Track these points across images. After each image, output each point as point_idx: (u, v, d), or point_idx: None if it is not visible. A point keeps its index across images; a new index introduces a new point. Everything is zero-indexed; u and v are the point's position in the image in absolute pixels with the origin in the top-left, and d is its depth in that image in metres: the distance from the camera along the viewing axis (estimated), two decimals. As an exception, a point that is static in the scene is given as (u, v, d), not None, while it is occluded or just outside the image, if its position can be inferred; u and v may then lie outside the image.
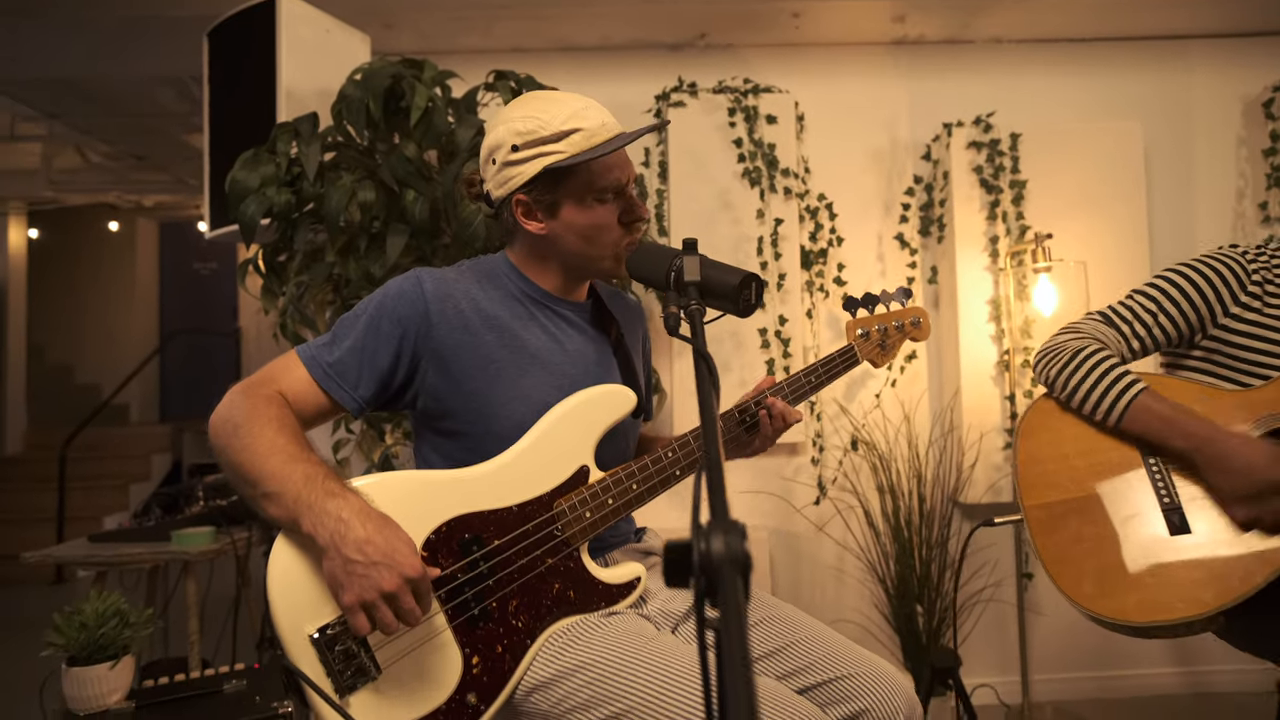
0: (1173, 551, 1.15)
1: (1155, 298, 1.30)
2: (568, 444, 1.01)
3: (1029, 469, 1.28)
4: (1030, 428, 1.31)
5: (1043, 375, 1.31)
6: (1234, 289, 1.26)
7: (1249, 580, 1.10)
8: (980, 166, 2.48)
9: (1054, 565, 1.21)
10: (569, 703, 0.90)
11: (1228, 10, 2.56)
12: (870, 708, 0.94)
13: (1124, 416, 1.22)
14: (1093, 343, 1.28)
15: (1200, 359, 1.31)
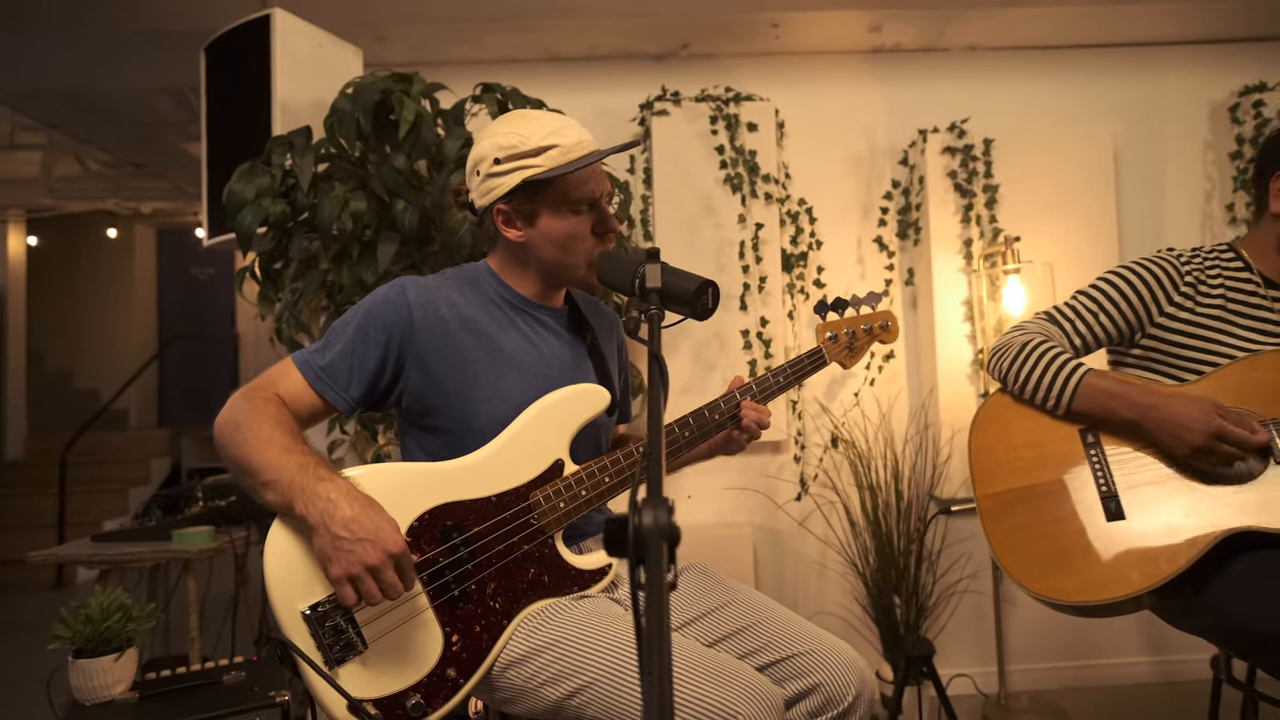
0: (1108, 536, 1.23)
1: (1096, 298, 1.39)
2: (544, 439, 1.09)
3: (982, 460, 1.36)
4: (983, 422, 1.39)
5: (995, 371, 1.39)
6: (1168, 289, 1.34)
7: (1174, 562, 1.18)
8: (955, 171, 2.56)
9: (1002, 550, 1.29)
10: (539, 678, 0.98)
11: (1195, 18, 2.64)
12: (824, 682, 1.01)
13: (1074, 398, 1.29)
14: (1038, 336, 1.36)
15: (1140, 356, 1.39)
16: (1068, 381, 1.30)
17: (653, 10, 2.45)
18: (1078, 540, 1.25)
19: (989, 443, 1.37)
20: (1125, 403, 1.26)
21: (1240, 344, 1.30)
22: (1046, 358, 1.32)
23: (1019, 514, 1.31)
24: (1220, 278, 1.35)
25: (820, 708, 1.01)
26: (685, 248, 2.52)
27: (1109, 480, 1.27)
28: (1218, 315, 1.32)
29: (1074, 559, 1.24)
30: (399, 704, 0.93)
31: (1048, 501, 1.30)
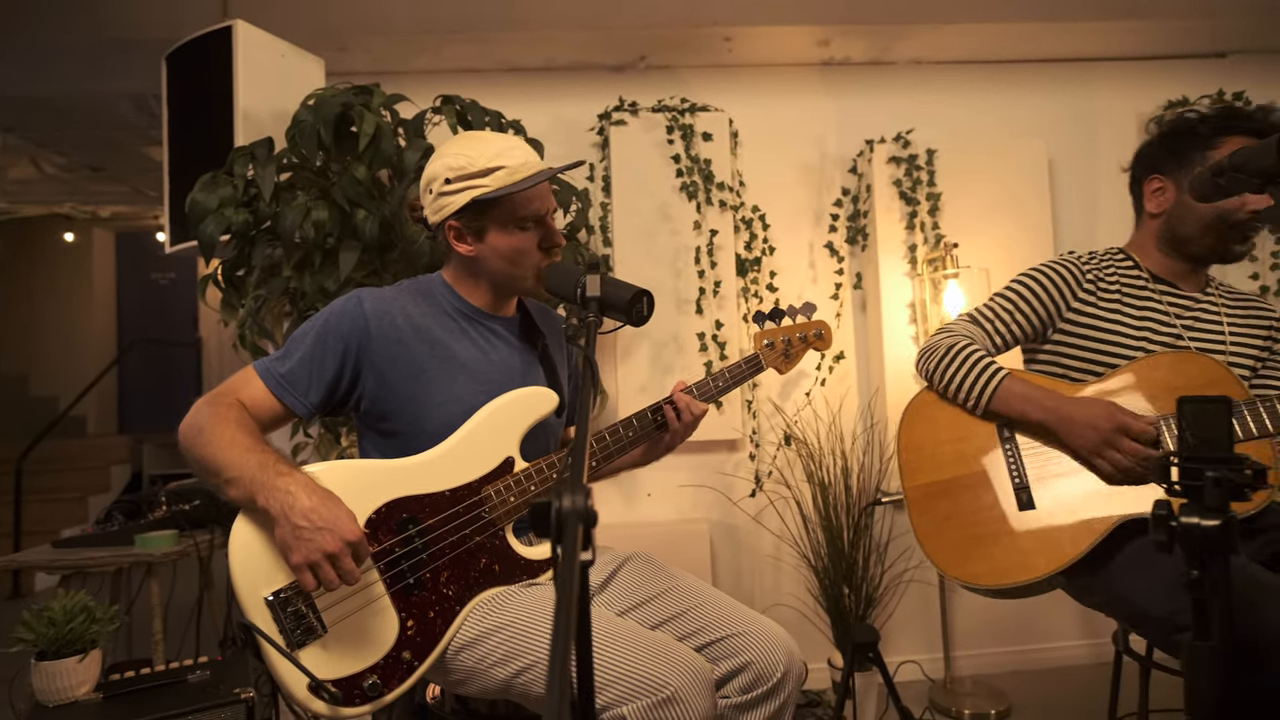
0: (1019, 524, 1.35)
1: (1012, 299, 1.51)
2: (496, 437, 1.16)
3: (909, 455, 1.46)
4: (911, 418, 1.50)
5: (923, 371, 1.50)
6: (1073, 287, 1.47)
7: (1076, 546, 1.29)
8: (900, 180, 2.68)
9: (925, 538, 1.40)
10: (490, 659, 1.05)
11: (1124, 36, 2.80)
12: (755, 660, 1.10)
13: (991, 400, 1.41)
14: (964, 339, 1.47)
15: (1051, 351, 1.51)
16: (986, 385, 1.41)
17: (609, 23, 2.53)
18: (993, 528, 1.36)
19: (916, 438, 1.47)
20: (1036, 406, 1.37)
21: (1136, 334, 1.42)
22: (969, 361, 1.43)
23: (941, 505, 1.42)
24: (1116, 276, 1.48)
25: (752, 683, 1.10)
26: (643, 253, 2.60)
27: (1022, 473, 1.38)
28: (1115, 309, 1.45)
29: (989, 546, 1.35)
30: (357, 684, 1.00)
31: (967, 494, 1.41)
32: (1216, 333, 1.43)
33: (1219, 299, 1.47)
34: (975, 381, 1.42)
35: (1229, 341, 1.42)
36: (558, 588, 0.54)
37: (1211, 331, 1.43)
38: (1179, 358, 1.36)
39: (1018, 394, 1.39)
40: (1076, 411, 1.33)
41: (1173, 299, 1.45)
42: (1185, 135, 1.44)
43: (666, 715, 0.93)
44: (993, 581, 1.33)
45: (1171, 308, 1.44)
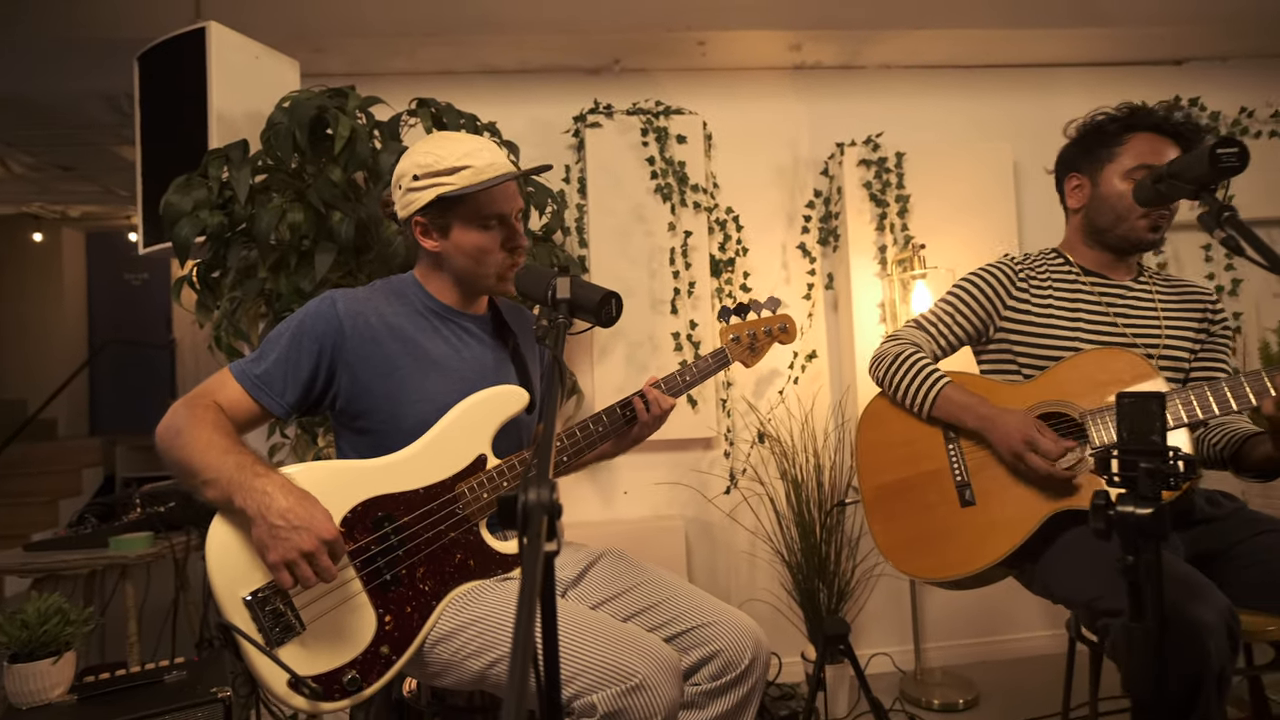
0: (961, 520, 1.43)
1: (952, 303, 1.59)
2: (468, 435, 1.19)
3: (865, 456, 1.54)
4: (867, 422, 1.58)
5: (874, 377, 1.58)
6: (1007, 288, 1.55)
7: (1011, 540, 1.38)
8: (870, 182, 2.73)
9: (879, 536, 1.49)
10: (465, 651, 1.08)
11: (1086, 43, 2.88)
12: (724, 648, 1.14)
13: (933, 406, 1.48)
14: (910, 347, 1.55)
15: (995, 350, 1.59)
16: (929, 393, 1.49)
17: (584, 27, 2.56)
18: (940, 525, 1.44)
19: (871, 440, 1.55)
20: (970, 414, 1.45)
21: (1070, 327, 1.49)
22: (914, 369, 1.51)
23: (894, 504, 1.50)
24: (1047, 274, 1.55)
25: (721, 670, 1.14)
26: (618, 254, 2.64)
27: (964, 472, 1.46)
28: (1048, 306, 1.52)
29: (935, 542, 1.43)
30: (336, 679, 1.02)
31: (916, 493, 1.48)
32: (1151, 319, 1.50)
33: (1152, 287, 1.54)
34: (919, 389, 1.50)
35: (1164, 326, 1.49)
36: (523, 576, 0.58)
37: (1146, 318, 1.50)
38: (1107, 353, 1.42)
39: (956, 402, 1.47)
40: (999, 423, 1.41)
41: (1104, 289, 1.52)
42: (1094, 134, 1.55)
43: (635, 702, 0.97)
44: (942, 575, 1.41)
45: (1103, 298, 1.51)
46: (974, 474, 1.45)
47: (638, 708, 0.97)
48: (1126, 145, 1.50)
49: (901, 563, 1.46)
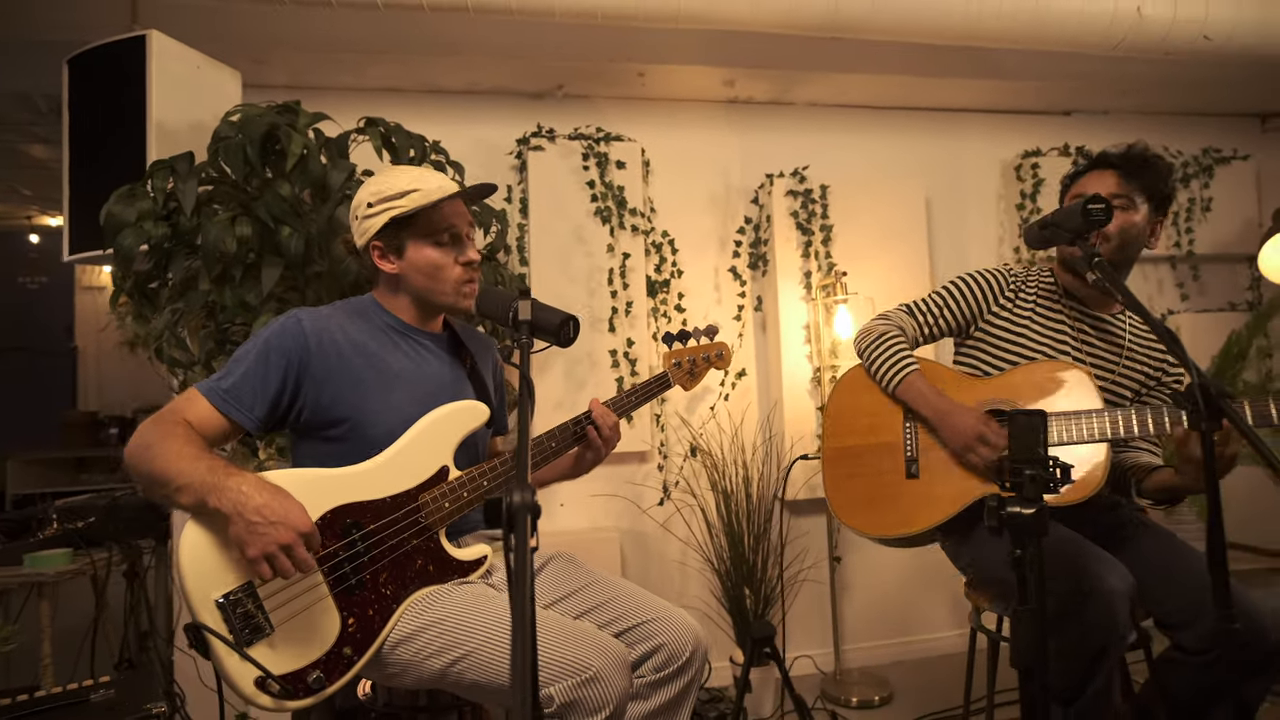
0: (904, 489, 1.61)
1: (944, 296, 1.74)
2: (432, 448, 1.26)
3: (831, 420, 1.72)
4: (841, 387, 1.75)
5: (857, 347, 1.74)
6: (995, 294, 1.71)
7: (944, 512, 1.57)
8: (797, 212, 2.92)
9: (830, 490, 1.68)
10: (426, 651, 1.14)
11: (989, 92, 3.16)
12: (667, 642, 1.24)
13: (897, 387, 1.65)
14: (894, 330, 1.70)
15: (973, 345, 1.75)
16: (896, 375, 1.65)
17: (530, 53, 2.65)
18: (886, 490, 1.63)
19: (840, 406, 1.73)
20: (926, 404, 1.62)
21: (1038, 342, 1.65)
22: (892, 350, 1.66)
23: (849, 465, 1.68)
24: (1035, 290, 1.71)
25: (665, 663, 1.23)
26: (558, 274, 2.72)
27: (914, 449, 1.65)
28: (1028, 318, 1.68)
29: (880, 504, 1.62)
30: (301, 679, 1.06)
31: (870, 458, 1.67)
32: (1113, 353, 1.65)
33: (1127, 326, 1.68)
34: (889, 370, 1.66)
35: (1122, 364, 1.65)
36: (514, 567, 0.66)
37: (1109, 350, 1.65)
38: (1061, 366, 1.59)
39: (916, 389, 1.63)
40: (952, 419, 1.57)
41: (1078, 315, 1.67)
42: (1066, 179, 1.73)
43: (588, 693, 1.05)
44: (878, 532, 1.62)
45: (1075, 323, 1.66)
46: (922, 452, 1.63)
47: (591, 698, 1.05)
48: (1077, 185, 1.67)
49: (847, 517, 1.65)
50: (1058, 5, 2.46)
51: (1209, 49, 2.61)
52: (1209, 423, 1.02)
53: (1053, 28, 2.50)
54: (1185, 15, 2.53)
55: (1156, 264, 3.39)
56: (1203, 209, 3.37)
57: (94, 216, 2.09)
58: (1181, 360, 1.08)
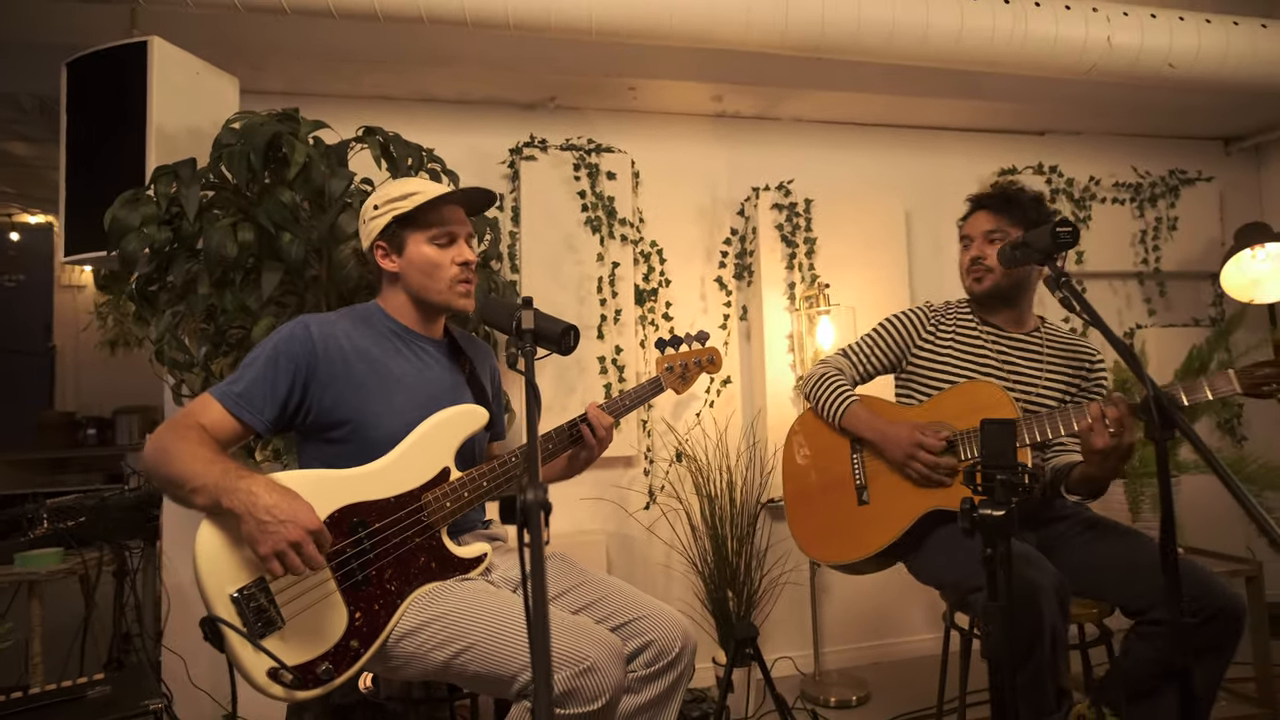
0: (856, 516, 1.72)
1: (874, 338, 1.88)
2: (434, 450, 1.31)
3: (788, 462, 1.83)
4: (794, 431, 1.87)
5: (803, 391, 1.87)
6: (918, 330, 1.84)
7: (892, 532, 1.67)
8: (781, 224, 3.00)
9: (794, 526, 1.79)
10: (429, 644, 1.19)
11: (969, 112, 3.27)
12: (658, 638, 1.30)
13: (841, 418, 1.77)
14: (835, 371, 1.83)
15: (907, 377, 1.87)
16: (840, 408, 1.78)
17: (524, 66, 2.71)
18: (841, 519, 1.74)
19: (796, 447, 1.83)
20: (867, 427, 1.75)
21: (961, 368, 1.79)
22: (834, 389, 1.80)
23: (807, 500, 1.80)
24: (954, 322, 1.85)
25: (656, 657, 1.29)
26: (549, 281, 2.78)
27: (863, 477, 1.75)
28: (949, 348, 1.82)
29: (837, 533, 1.73)
30: (311, 670, 1.11)
31: (826, 493, 1.78)
32: (1033, 368, 1.79)
33: (1044, 340, 1.82)
34: (833, 405, 1.79)
35: (1044, 376, 1.78)
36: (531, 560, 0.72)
37: (1029, 366, 1.79)
38: (977, 385, 1.73)
39: (857, 418, 1.76)
40: (889, 434, 1.70)
41: (996, 338, 1.82)
42: None
43: (586, 683, 1.11)
44: (838, 559, 1.72)
45: (993, 346, 1.80)
46: (871, 479, 1.74)
47: (588, 688, 1.11)
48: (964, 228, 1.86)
49: (810, 549, 1.78)
50: (1035, 32, 2.57)
51: (1173, 76, 2.74)
52: (1163, 432, 1.10)
53: (1029, 53, 2.60)
54: (1151, 44, 2.66)
55: (1125, 280, 3.52)
56: (1169, 228, 3.50)
57: (90, 218, 2.12)
58: (1138, 374, 1.16)
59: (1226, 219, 3.60)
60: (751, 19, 2.36)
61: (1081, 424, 1.49)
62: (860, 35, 2.45)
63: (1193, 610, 1.42)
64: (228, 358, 1.98)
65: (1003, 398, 1.64)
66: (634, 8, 2.28)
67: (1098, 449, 1.46)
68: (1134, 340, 3.50)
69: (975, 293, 1.81)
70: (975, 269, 1.79)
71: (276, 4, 2.10)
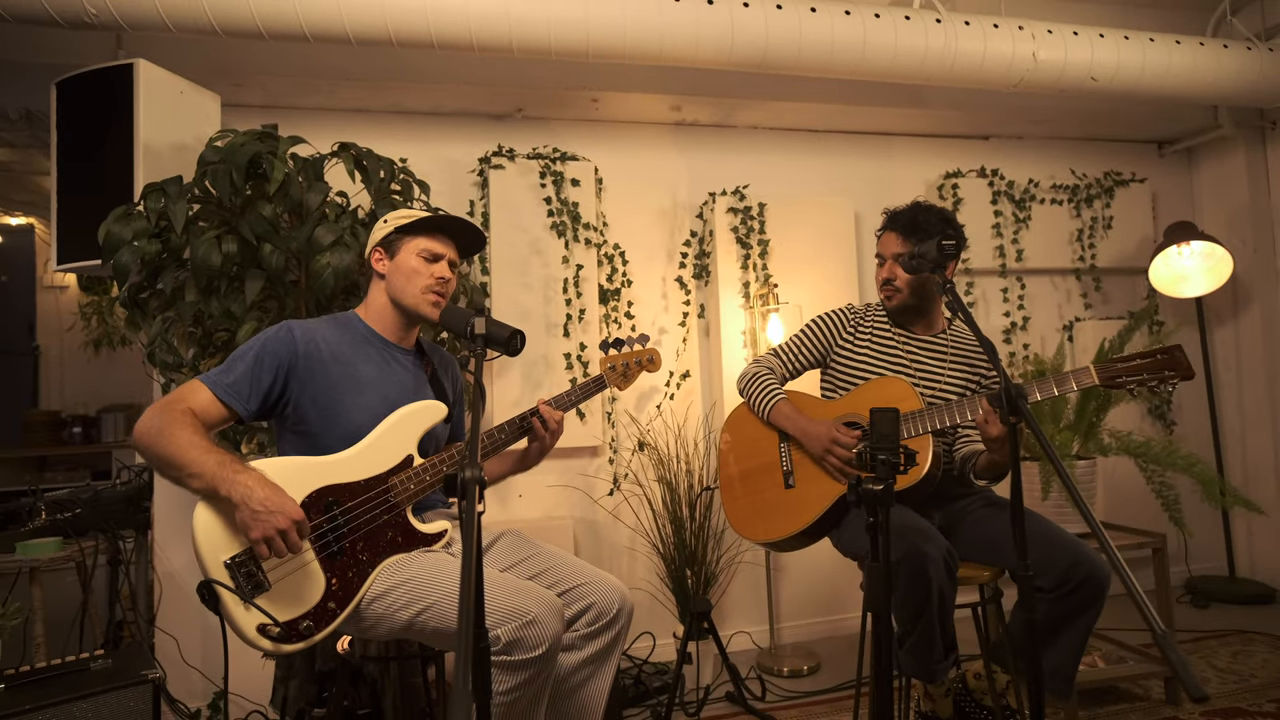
0: (783, 499, 1.91)
1: (800, 338, 2.06)
2: (399, 440, 1.50)
3: (723, 452, 1.98)
4: (729, 423, 2.06)
5: (739, 387, 2.06)
6: (841, 330, 2.03)
7: (814, 511, 1.86)
8: (737, 227, 3.19)
9: (728, 510, 1.97)
10: (395, 606, 1.38)
11: (914, 118, 3.47)
12: (597, 601, 1.50)
13: (770, 414, 1.95)
14: (765, 370, 2.02)
15: (831, 373, 2.07)
16: (769, 404, 1.97)
17: (492, 80, 2.88)
18: (770, 502, 1.92)
19: (731, 437, 2.01)
20: (791, 425, 1.94)
21: (875, 365, 1.99)
22: (763, 386, 1.99)
23: (739, 485, 1.98)
24: (871, 324, 2.04)
25: (596, 618, 1.49)
26: (517, 283, 2.96)
27: (789, 464, 1.94)
28: (866, 347, 2.02)
29: (766, 514, 1.91)
30: (295, 626, 1.30)
31: (755, 478, 1.97)
32: (937, 366, 2.00)
33: (949, 341, 2.03)
34: (763, 401, 1.99)
35: (946, 372, 1.99)
36: (463, 526, 0.91)
37: (934, 365, 2.00)
38: (888, 381, 1.93)
39: (783, 414, 1.96)
40: (809, 430, 1.90)
41: (906, 339, 2.02)
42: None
43: (528, 634, 1.30)
44: (767, 538, 1.91)
45: (903, 346, 2.01)
46: (796, 465, 1.94)
47: (530, 638, 1.30)
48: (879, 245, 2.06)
49: (743, 530, 1.96)
50: (965, 49, 2.77)
51: (1096, 88, 2.95)
52: (1015, 417, 1.31)
53: (961, 68, 2.81)
54: (1074, 59, 2.87)
55: (1064, 276, 3.74)
56: (1104, 227, 3.73)
57: (81, 228, 2.28)
58: (996, 368, 1.36)
59: (1159, 218, 3.84)
60: (700, 38, 2.54)
61: (976, 415, 1.70)
62: (802, 53, 2.64)
63: (1065, 577, 1.63)
64: (214, 359, 2.15)
65: (909, 391, 1.85)
66: (590, 30, 2.45)
67: (994, 436, 1.67)
68: (1073, 332, 3.73)
69: (887, 308, 2.03)
70: (886, 289, 2.01)
71: (254, 29, 2.26)
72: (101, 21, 2.20)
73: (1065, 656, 1.68)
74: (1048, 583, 1.66)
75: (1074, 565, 1.63)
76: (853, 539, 1.84)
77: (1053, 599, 1.67)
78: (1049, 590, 1.66)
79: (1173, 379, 1.58)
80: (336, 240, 2.04)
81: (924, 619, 1.58)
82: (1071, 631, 1.66)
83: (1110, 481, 3.38)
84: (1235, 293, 3.82)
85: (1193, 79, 3.02)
